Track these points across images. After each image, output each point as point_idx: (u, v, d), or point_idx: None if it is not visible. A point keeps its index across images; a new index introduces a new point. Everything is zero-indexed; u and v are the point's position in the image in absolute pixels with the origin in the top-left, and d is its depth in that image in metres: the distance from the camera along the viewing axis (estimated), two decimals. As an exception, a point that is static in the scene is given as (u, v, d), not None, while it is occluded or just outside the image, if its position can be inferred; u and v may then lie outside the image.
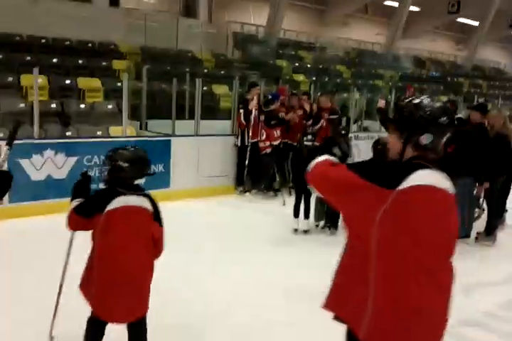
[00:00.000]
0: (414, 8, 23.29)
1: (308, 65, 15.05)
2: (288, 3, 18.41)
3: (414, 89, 11.50)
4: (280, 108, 8.26)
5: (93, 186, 2.96)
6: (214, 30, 14.35)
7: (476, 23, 24.49)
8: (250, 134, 7.80)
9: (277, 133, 7.80)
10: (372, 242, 1.85)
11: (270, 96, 8.04)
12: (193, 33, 13.14)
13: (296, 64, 14.66)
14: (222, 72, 11.95)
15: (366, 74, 16.36)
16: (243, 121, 7.86)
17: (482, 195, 6.09)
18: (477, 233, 6.21)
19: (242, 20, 17.90)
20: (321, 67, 15.12)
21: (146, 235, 2.74)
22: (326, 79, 14.14)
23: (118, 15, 11.37)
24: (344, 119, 10.28)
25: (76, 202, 2.74)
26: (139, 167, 2.74)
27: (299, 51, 16.01)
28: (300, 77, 13.60)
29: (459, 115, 7.02)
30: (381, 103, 6.54)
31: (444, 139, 1.92)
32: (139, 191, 2.76)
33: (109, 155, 2.75)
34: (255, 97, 7.86)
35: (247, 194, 8.06)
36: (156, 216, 2.79)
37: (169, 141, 7.43)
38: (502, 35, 26.79)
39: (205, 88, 10.90)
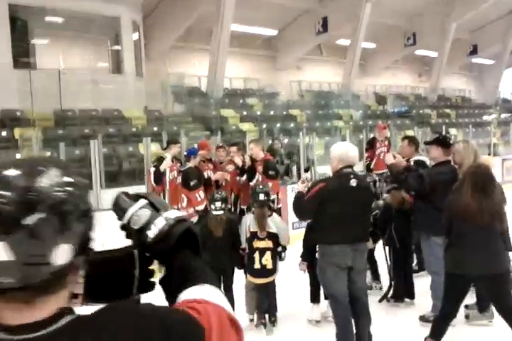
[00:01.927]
0: (370, 45, 22.72)
1: (258, 113, 13.78)
2: (235, 52, 17.51)
3: (387, 127, 9.56)
4: (205, 165, 6.77)
5: None
6: (150, 84, 13.11)
7: (435, 54, 23.91)
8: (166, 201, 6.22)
9: (200, 196, 6.20)
10: None
11: (185, 153, 6.53)
12: (124, 90, 11.83)
13: (244, 113, 13.39)
14: (156, 129, 10.54)
15: (323, 116, 15.16)
16: (153, 184, 6.31)
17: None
18: (466, 307, 4.55)
19: (187, 72, 16.80)
20: (272, 113, 13.87)
21: None
22: (278, 125, 12.81)
23: (25, 77, 10.00)
24: (294, 167, 8.90)
25: None
26: None
27: (247, 99, 14.82)
28: (246, 126, 12.26)
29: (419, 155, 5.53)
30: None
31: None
32: None
33: None
34: (169, 156, 6.37)
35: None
36: None
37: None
38: (463, 62, 26.29)
39: (130, 149, 9.54)
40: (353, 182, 3.52)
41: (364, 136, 11.00)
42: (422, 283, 4.67)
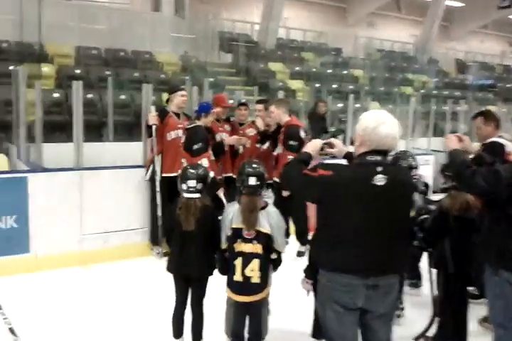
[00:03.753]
0: (457, 4, 20.25)
1: (313, 69, 12.23)
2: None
3: None
4: (219, 126, 5.53)
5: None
6: (194, 28, 11.81)
7: (533, 20, 21.11)
8: (160, 164, 5.12)
9: (203, 162, 4.95)
10: None
11: (197, 108, 5.28)
12: (161, 32, 10.64)
13: (296, 68, 11.88)
14: (188, 78, 9.31)
15: (391, 80, 13.39)
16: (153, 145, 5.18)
17: None
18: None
19: (243, 19, 15.30)
20: (329, 71, 12.28)
21: None
22: (334, 85, 11.27)
23: (49, 9, 8.99)
24: (341, 137, 7.55)
25: None
26: None
27: (303, 53, 13.24)
28: (297, 84, 10.80)
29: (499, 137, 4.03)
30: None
31: None
32: None
33: None
34: (153, 108, 5.24)
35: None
36: None
37: (24, 178, 4.77)
38: None
39: (153, 97, 8.39)
40: (379, 180, 2.20)
41: (435, 107, 9.33)
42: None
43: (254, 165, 3.01)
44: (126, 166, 5.44)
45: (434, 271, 3.31)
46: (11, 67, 8.06)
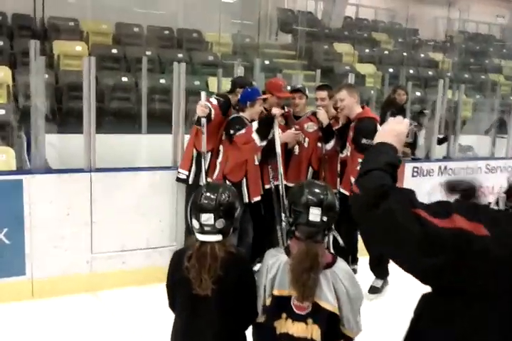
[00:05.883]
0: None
1: (386, 52, 10.86)
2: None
3: None
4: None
5: None
6: (249, 4, 10.69)
7: None
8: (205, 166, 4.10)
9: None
10: None
11: (239, 96, 4.14)
12: (212, 8, 9.63)
13: (366, 50, 10.55)
14: (239, 61, 8.25)
15: (475, 65, 11.87)
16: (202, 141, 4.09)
17: None
18: None
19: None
20: (405, 54, 10.88)
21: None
22: (411, 71, 9.89)
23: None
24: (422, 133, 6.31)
25: None
26: None
27: (374, 34, 11.85)
28: (367, 69, 9.49)
29: None
30: None
31: None
32: None
33: None
34: (203, 94, 4.14)
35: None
36: None
37: (18, 182, 3.82)
38: None
39: (196, 82, 7.40)
40: None
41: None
42: None
43: (318, 190, 1.83)
44: (151, 167, 4.43)
45: None
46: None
